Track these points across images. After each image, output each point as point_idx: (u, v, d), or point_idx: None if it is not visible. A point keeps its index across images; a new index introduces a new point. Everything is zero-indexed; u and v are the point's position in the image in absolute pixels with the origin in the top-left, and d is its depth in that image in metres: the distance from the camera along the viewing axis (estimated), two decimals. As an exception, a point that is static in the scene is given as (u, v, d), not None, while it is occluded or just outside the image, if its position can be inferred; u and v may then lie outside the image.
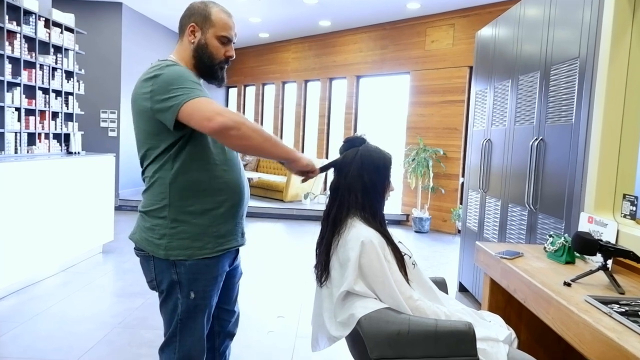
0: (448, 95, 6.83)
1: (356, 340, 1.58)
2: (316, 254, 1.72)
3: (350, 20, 7.78)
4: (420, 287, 1.68)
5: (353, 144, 1.71)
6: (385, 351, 1.47)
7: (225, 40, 1.62)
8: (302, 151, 9.19)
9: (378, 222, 1.67)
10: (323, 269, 1.66)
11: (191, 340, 1.62)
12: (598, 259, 1.70)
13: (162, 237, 1.55)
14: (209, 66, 1.61)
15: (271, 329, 3.13)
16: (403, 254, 1.67)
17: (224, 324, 1.81)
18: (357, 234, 1.58)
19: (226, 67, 1.66)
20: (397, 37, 7.54)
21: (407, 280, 1.62)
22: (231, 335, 1.87)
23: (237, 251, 1.77)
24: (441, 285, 1.95)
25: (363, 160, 1.65)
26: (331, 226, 1.67)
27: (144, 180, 1.64)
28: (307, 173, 1.66)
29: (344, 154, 1.71)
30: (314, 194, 8.05)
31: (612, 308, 1.37)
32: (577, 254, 1.95)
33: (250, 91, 10.34)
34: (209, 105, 1.42)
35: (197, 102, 1.42)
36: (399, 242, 1.73)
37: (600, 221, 1.96)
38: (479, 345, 1.52)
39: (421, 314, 1.56)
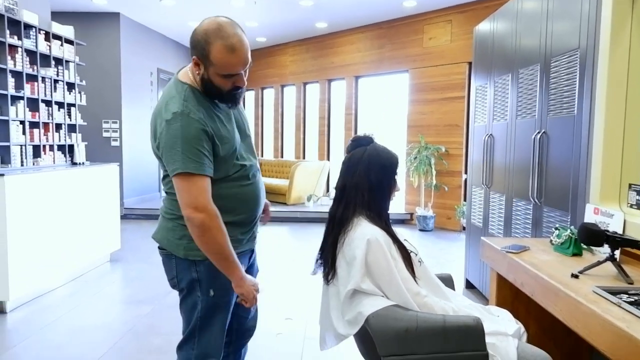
0: (448, 92, 6.83)
1: (364, 338, 1.58)
2: (321, 252, 1.72)
3: (346, 21, 7.78)
4: (428, 284, 1.68)
5: (360, 143, 1.72)
6: (393, 348, 1.47)
7: (230, 76, 1.51)
8: (304, 155, 9.19)
9: (383, 221, 1.67)
10: (329, 268, 1.67)
11: (209, 338, 1.65)
12: (605, 250, 1.70)
13: (182, 237, 1.59)
14: (217, 96, 1.56)
15: (279, 331, 3.13)
16: (409, 251, 1.67)
17: (241, 320, 1.84)
18: (363, 232, 1.59)
19: (239, 92, 1.57)
20: (395, 35, 7.54)
21: (414, 277, 1.62)
22: (249, 332, 1.90)
23: (253, 249, 1.81)
24: (448, 281, 1.95)
25: (370, 160, 1.66)
26: (337, 225, 1.67)
27: (164, 185, 1.65)
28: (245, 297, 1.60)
29: (351, 153, 1.72)
30: (317, 196, 8.05)
31: (620, 298, 1.37)
32: (584, 246, 1.95)
33: (250, 96, 10.36)
34: (198, 194, 1.46)
35: (185, 186, 1.46)
36: (405, 240, 1.73)
37: (607, 212, 1.95)
38: (488, 339, 1.51)
39: (429, 311, 1.55)
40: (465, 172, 6.31)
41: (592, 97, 2.15)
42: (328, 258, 1.67)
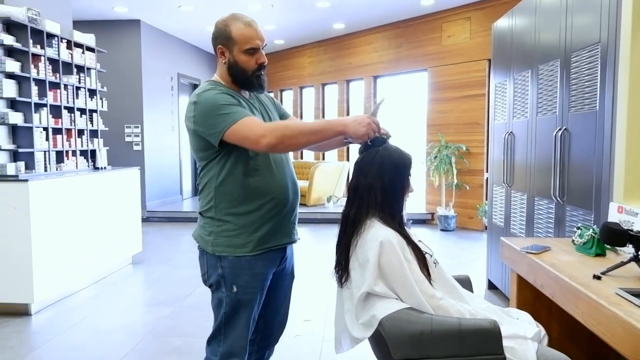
0: (468, 89, 6.72)
1: (379, 341, 1.56)
2: (336, 255, 1.71)
3: (364, 21, 7.75)
4: (443, 286, 1.65)
5: (373, 144, 1.69)
6: (408, 352, 1.45)
7: (252, 51, 1.67)
8: (323, 156, 9.12)
9: (397, 223, 1.64)
10: (343, 270, 1.65)
11: (234, 335, 1.70)
12: (630, 250, 1.64)
13: (210, 234, 1.69)
14: (244, 80, 1.70)
15: (298, 332, 3.13)
16: (424, 252, 1.64)
17: (267, 321, 1.87)
18: (376, 234, 1.57)
19: (262, 73, 1.72)
20: (412, 34, 7.47)
21: (429, 279, 1.59)
22: (274, 336, 1.93)
23: (285, 252, 1.83)
24: (465, 283, 1.91)
25: (383, 161, 1.63)
26: (350, 227, 1.66)
27: (197, 185, 1.80)
28: (370, 129, 1.60)
29: (363, 154, 1.70)
30: (337, 197, 8.03)
31: (645, 300, 1.32)
32: (608, 246, 1.88)
33: (269, 98, 10.42)
34: (250, 130, 1.55)
35: (238, 129, 1.56)
36: (419, 241, 1.70)
37: (631, 210, 1.88)
38: (506, 343, 1.48)
39: (444, 313, 1.52)
40: (487, 171, 6.21)
41: (614, 92, 2.08)
42: (341, 261, 1.66)
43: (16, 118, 3.97)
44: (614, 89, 2.09)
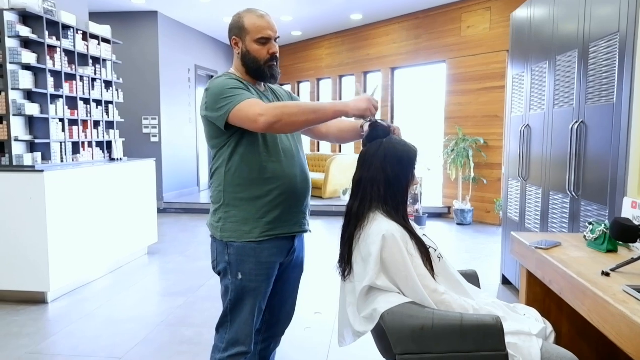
0: (487, 81, 6.59)
1: (381, 335, 1.56)
2: (340, 249, 1.70)
3: (381, 12, 7.65)
4: (447, 280, 1.63)
5: (378, 135, 1.67)
6: (409, 346, 1.44)
7: (264, 41, 1.73)
8: (340, 148, 9.13)
9: (401, 216, 1.62)
10: (346, 264, 1.64)
11: (239, 323, 1.72)
12: (641, 246, 1.59)
13: (219, 220, 1.74)
14: (257, 69, 1.75)
15: (308, 325, 3.14)
16: (428, 247, 1.62)
17: (274, 311, 1.89)
18: (379, 227, 1.55)
19: (275, 63, 1.76)
20: (431, 25, 7.35)
21: (432, 274, 1.57)
22: (280, 327, 1.94)
23: (293, 243, 1.84)
24: (472, 278, 1.88)
25: (387, 153, 1.61)
26: (354, 220, 1.64)
27: (210, 172, 1.84)
28: (371, 106, 1.64)
29: (367, 146, 1.68)
30: (353, 190, 7.99)
31: (653, 298, 1.28)
32: (620, 242, 1.83)
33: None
34: (250, 109, 1.58)
35: (241, 109, 1.59)
36: (424, 235, 1.68)
37: (645, 206, 1.82)
38: (509, 339, 1.45)
39: (447, 308, 1.50)
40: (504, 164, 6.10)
41: (632, 84, 2.01)
42: (345, 254, 1.65)
43: (33, 109, 4.04)
44: (632, 80, 2.02)
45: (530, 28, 3.47)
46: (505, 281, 3.89)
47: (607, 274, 1.52)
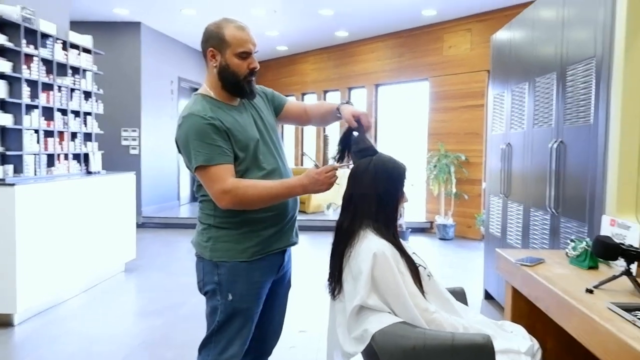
0: (468, 100, 6.75)
1: (371, 355, 1.55)
2: (329, 266, 1.70)
3: (366, 30, 7.79)
4: (437, 299, 1.64)
5: (367, 153, 1.69)
6: (400, 365, 1.44)
7: (245, 55, 1.66)
8: (323, 162, 9.14)
9: (391, 234, 1.63)
10: (336, 282, 1.64)
11: (226, 344, 1.68)
12: (622, 263, 1.64)
13: (209, 240, 1.69)
14: (235, 84, 1.68)
15: (293, 344, 3.10)
16: (417, 265, 1.64)
17: (262, 329, 1.83)
18: (369, 245, 1.55)
19: (253, 79, 1.71)
20: (414, 44, 7.50)
21: (422, 292, 1.58)
22: (267, 345, 1.91)
23: (283, 259, 1.83)
24: (460, 295, 1.90)
25: (377, 170, 1.62)
26: (344, 237, 1.64)
27: (195, 193, 1.80)
28: (329, 183, 1.66)
29: (357, 164, 1.69)
30: (337, 205, 8.01)
31: (636, 315, 1.31)
32: (601, 259, 1.88)
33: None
34: (216, 182, 1.58)
35: (208, 175, 1.59)
36: (413, 253, 1.69)
37: (623, 224, 1.89)
38: (499, 357, 1.47)
39: (438, 327, 1.51)
40: (485, 181, 6.21)
41: (608, 106, 2.09)
42: (334, 272, 1.65)
43: (5, 120, 3.88)
44: (607, 103, 2.11)
45: (510, 50, 3.58)
46: (488, 296, 3.93)
47: (591, 291, 1.56)
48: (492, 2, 6.13)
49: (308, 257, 5.69)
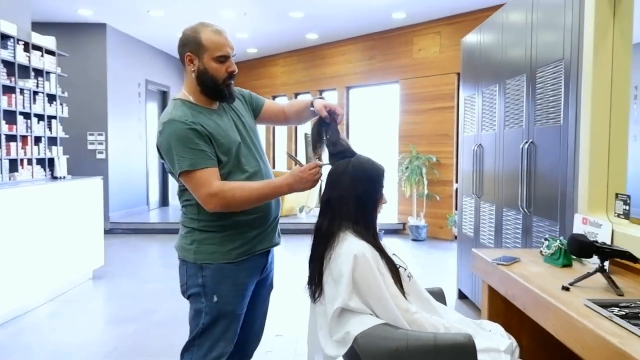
0: (438, 102, 6.85)
1: (354, 359, 1.54)
2: (309, 270, 1.68)
3: (337, 32, 7.81)
4: (417, 299, 1.64)
5: (344, 155, 1.67)
6: (383, 368, 1.42)
7: (223, 59, 1.66)
8: (295, 165, 9.10)
9: (371, 235, 1.62)
10: (316, 285, 1.62)
11: (209, 347, 1.66)
12: (595, 260, 1.68)
13: (192, 243, 1.69)
14: (214, 88, 1.68)
15: (269, 348, 3.06)
16: (398, 266, 1.63)
17: (241, 332, 1.80)
18: (349, 247, 1.54)
19: (232, 82, 1.71)
20: (385, 46, 7.57)
21: (403, 293, 1.58)
22: (249, 347, 1.89)
23: (267, 260, 1.84)
24: (439, 295, 1.91)
25: (355, 172, 1.61)
26: (323, 240, 1.62)
27: (179, 197, 1.76)
28: (314, 180, 1.66)
29: (335, 165, 1.68)
30: (309, 207, 8.00)
31: (612, 311, 1.34)
32: (574, 257, 1.92)
33: (241, 107, 10.34)
34: (203, 187, 1.58)
35: (194, 179, 1.59)
36: (393, 254, 1.69)
37: (595, 222, 1.94)
38: (480, 356, 1.48)
39: (419, 328, 1.51)
40: (456, 182, 6.31)
41: (578, 107, 2.15)
42: (314, 275, 1.63)
43: (-35, 124, 3.75)
44: (577, 104, 2.16)
45: (480, 53, 3.64)
46: (462, 295, 3.99)
47: (567, 289, 1.59)
48: (462, 5, 6.25)
49: (282, 260, 5.63)
